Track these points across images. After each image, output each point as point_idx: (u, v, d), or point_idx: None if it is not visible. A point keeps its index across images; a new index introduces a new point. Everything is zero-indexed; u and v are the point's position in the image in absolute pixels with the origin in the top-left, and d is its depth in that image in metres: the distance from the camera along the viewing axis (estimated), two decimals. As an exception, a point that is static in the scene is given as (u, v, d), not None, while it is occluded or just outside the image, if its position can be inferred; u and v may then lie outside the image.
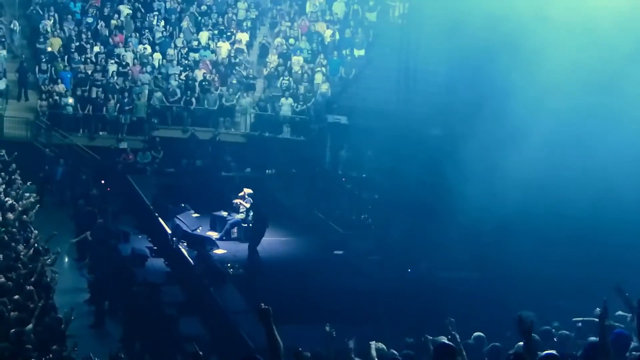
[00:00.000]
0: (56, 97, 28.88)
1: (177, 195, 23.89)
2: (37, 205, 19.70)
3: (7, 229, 15.81)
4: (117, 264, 18.51)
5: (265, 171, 29.07)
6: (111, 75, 30.08)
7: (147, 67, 30.97)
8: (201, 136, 30.10)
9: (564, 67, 18.78)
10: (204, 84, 30.88)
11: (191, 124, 30.27)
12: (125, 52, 31.24)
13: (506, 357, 8.54)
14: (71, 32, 31.34)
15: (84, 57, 30.50)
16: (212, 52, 32.61)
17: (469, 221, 18.30)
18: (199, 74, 31.28)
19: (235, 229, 21.30)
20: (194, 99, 30.50)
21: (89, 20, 32.04)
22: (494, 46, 21.15)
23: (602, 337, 7.41)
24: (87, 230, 20.91)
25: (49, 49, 30.23)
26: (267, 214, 20.66)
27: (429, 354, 8.68)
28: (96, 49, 31.03)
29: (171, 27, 32.97)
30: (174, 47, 32.12)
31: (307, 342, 10.20)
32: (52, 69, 29.73)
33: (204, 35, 32.98)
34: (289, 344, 6.79)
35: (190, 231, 20.62)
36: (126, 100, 29.56)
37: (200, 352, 7.16)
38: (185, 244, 20.18)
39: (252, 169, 29.26)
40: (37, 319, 11.26)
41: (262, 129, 30.76)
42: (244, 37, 33.50)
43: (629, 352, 8.09)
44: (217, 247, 20.34)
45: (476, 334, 9.55)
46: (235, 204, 21.62)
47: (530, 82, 19.54)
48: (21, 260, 14.15)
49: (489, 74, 21.54)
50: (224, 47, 32.72)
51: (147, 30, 32.37)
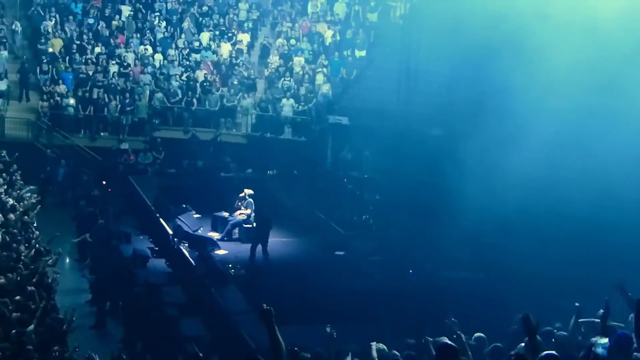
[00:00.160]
0: (57, 98, 28.87)
1: (178, 195, 23.88)
2: (38, 206, 19.72)
3: (8, 230, 15.83)
4: (119, 264, 18.51)
5: (266, 172, 29.06)
6: (112, 76, 30.09)
7: (148, 68, 30.98)
8: (202, 137, 30.09)
9: (565, 66, 18.75)
10: (205, 84, 30.88)
11: (192, 125, 30.27)
12: (126, 52, 31.26)
13: (507, 358, 8.54)
14: (72, 32, 31.34)
15: (85, 58, 30.52)
16: (214, 52, 32.61)
17: (470, 221, 18.28)
18: (200, 75, 31.27)
19: (236, 230, 21.30)
20: (195, 100, 30.48)
21: (90, 21, 32.05)
22: (495, 46, 21.15)
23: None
24: (89, 231, 20.96)
25: (50, 50, 30.25)
26: (270, 216, 20.63)
27: (430, 355, 8.68)
28: (97, 49, 31.03)
29: (172, 28, 32.95)
30: (175, 47, 32.12)
31: (308, 342, 10.22)
32: (53, 69, 29.74)
33: (205, 35, 32.99)
34: (290, 345, 6.80)
35: (191, 232, 20.63)
36: (127, 101, 29.55)
37: (200, 354, 7.17)
38: (186, 244, 20.17)
39: (254, 169, 29.24)
40: (38, 319, 11.27)
41: (264, 130, 30.74)
42: (245, 37, 33.53)
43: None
44: (219, 247, 20.34)
45: (477, 335, 9.54)
46: (237, 206, 21.64)
47: (531, 81, 19.54)
48: (23, 261, 14.16)
49: (489, 73, 21.53)
50: (225, 48, 32.74)
51: (148, 30, 32.39)
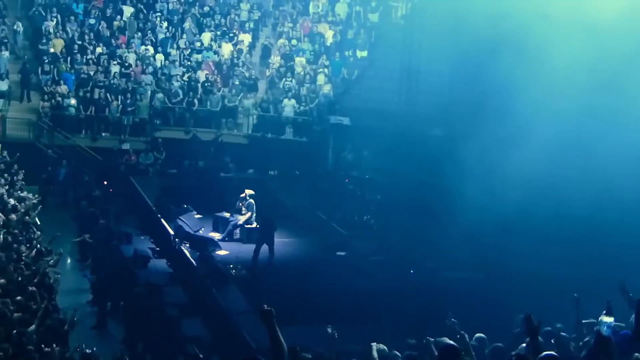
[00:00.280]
0: (59, 98, 28.89)
1: (179, 196, 23.89)
2: (39, 206, 19.73)
3: (9, 230, 15.84)
4: (120, 265, 18.50)
5: (267, 172, 29.06)
6: (113, 76, 30.10)
7: (150, 68, 30.99)
8: (203, 137, 30.10)
9: (565, 66, 18.75)
10: (206, 85, 30.88)
11: (193, 125, 30.28)
12: (127, 53, 31.26)
13: (508, 358, 8.55)
14: (74, 33, 31.36)
15: (86, 58, 30.54)
16: (215, 53, 32.60)
17: (470, 221, 18.27)
18: (202, 75, 31.26)
19: (237, 230, 21.31)
20: (196, 100, 30.49)
21: (91, 21, 32.07)
22: (496, 45, 21.14)
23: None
24: (90, 231, 20.97)
25: (51, 50, 30.26)
26: (274, 218, 20.61)
27: (432, 355, 8.69)
28: (98, 50, 31.04)
29: (174, 28, 32.96)
30: (176, 48, 32.14)
31: (309, 343, 10.22)
32: (55, 70, 29.76)
33: (206, 36, 32.98)
34: (291, 345, 6.80)
35: (192, 232, 20.63)
36: (129, 101, 29.58)
37: (200, 355, 7.18)
38: (187, 245, 20.18)
39: (255, 170, 29.24)
40: (39, 320, 11.28)
41: (265, 130, 30.74)
42: (246, 38, 33.52)
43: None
44: (220, 248, 20.35)
45: (478, 335, 9.53)
46: (237, 206, 21.65)
47: (531, 81, 19.53)
48: (24, 261, 14.17)
49: (490, 73, 21.50)
50: (226, 48, 32.74)
51: (149, 31, 32.37)
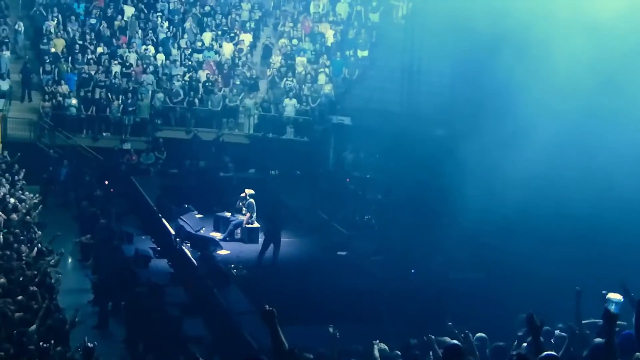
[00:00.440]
0: (60, 98, 28.90)
1: (180, 196, 23.90)
2: (40, 206, 19.74)
3: (10, 230, 15.85)
4: (121, 264, 18.48)
5: (268, 172, 29.05)
6: (114, 76, 30.12)
7: (151, 68, 30.99)
8: (204, 137, 30.10)
9: (566, 66, 18.71)
10: (207, 84, 30.89)
11: (195, 125, 30.29)
12: (128, 52, 31.27)
13: (509, 358, 8.56)
14: (75, 33, 31.38)
15: (87, 58, 30.55)
16: (216, 52, 32.62)
17: (471, 221, 18.25)
18: (203, 75, 31.28)
19: (238, 230, 21.32)
20: (197, 100, 30.51)
21: (92, 21, 32.09)
22: (497, 45, 21.10)
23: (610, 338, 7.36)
24: (91, 231, 20.98)
25: (52, 50, 30.28)
26: (281, 218, 20.59)
27: (435, 353, 8.70)
28: (99, 49, 31.07)
29: (174, 28, 32.99)
30: (177, 47, 32.16)
31: (311, 342, 10.23)
32: (56, 70, 29.77)
33: (207, 36, 33.00)
34: (292, 345, 6.80)
35: (193, 232, 20.64)
36: (130, 101, 29.59)
37: (200, 359, 7.19)
38: (188, 244, 20.18)
39: (256, 170, 29.24)
40: (41, 319, 11.28)
41: (266, 130, 30.77)
42: (247, 37, 33.54)
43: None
44: (221, 247, 20.37)
45: (479, 335, 9.54)
46: (238, 206, 21.65)
47: (532, 81, 19.48)
48: (25, 260, 14.18)
49: (491, 73, 21.47)
50: (227, 48, 32.76)
51: (150, 31, 32.40)
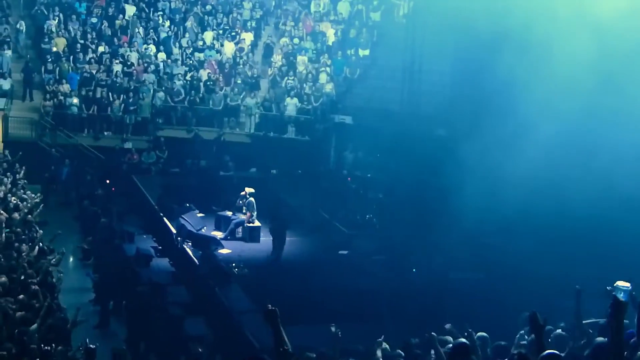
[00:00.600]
0: (61, 97, 28.90)
1: (181, 195, 23.93)
2: (41, 205, 19.74)
3: (12, 229, 15.85)
4: (122, 264, 18.49)
5: (270, 171, 29.07)
6: (116, 75, 30.12)
7: (152, 67, 31.00)
8: (206, 136, 30.10)
9: (568, 65, 18.71)
10: (208, 83, 30.89)
11: (196, 124, 30.30)
12: (130, 52, 31.26)
13: (510, 357, 8.56)
14: (76, 32, 31.38)
15: (88, 57, 30.55)
16: (217, 52, 32.61)
17: (471, 221, 18.28)
18: (204, 74, 31.28)
19: (239, 229, 21.35)
20: (198, 99, 30.51)
21: (93, 20, 32.07)
22: (498, 44, 21.11)
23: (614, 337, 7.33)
24: (92, 230, 20.98)
25: (54, 49, 30.28)
26: (286, 217, 20.59)
27: (437, 351, 8.71)
28: (101, 49, 31.07)
29: (176, 27, 32.98)
30: (178, 47, 32.16)
31: (313, 342, 10.25)
32: (57, 69, 29.77)
33: (208, 35, 32.99)
34: (294, 345, 6.81)
35: (194, 231, 20.66)
36: (131, 100, 29.60)
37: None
38: (190, 243, 20.22)
39: (257, 169, 29.25)
40: (42, 318, 11.29)
41: (267, 129, 30.78)
42: (248, 37, 33.53)
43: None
44: (222, 246, 20.41)
45: (480, 334, 9.56)
46: (238, 205, 21.68)
47: (533, 80, 19.49)
48: (26, 259, 14.18)
49: (492, 72, 21.48)
50: (228, 47, 32.76)
51: (151, 30, 32.40)
